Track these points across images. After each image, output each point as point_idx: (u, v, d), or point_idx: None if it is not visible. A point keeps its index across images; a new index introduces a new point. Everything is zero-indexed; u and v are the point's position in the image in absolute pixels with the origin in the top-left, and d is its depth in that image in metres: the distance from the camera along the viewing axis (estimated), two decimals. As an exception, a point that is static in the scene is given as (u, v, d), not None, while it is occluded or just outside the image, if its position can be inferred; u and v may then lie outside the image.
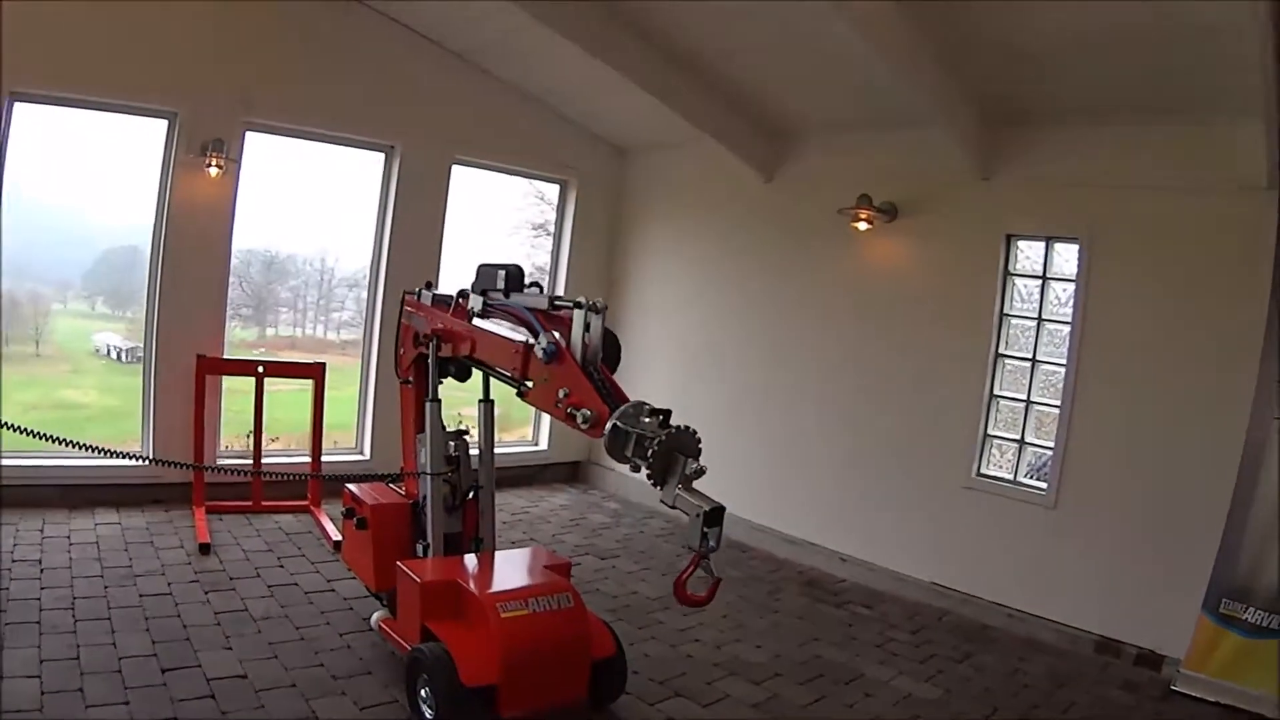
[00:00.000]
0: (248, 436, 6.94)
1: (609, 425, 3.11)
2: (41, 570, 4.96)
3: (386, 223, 7.52)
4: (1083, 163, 5.74)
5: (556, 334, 3.50)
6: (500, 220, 8.99)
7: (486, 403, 4.41)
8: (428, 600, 3.80)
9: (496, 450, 4.50)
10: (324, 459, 7.03)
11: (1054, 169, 5.89)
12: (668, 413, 3.16)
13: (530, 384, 3.63)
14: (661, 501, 3.09)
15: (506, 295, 4.06)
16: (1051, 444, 5.89)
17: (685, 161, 8.26)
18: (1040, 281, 6.07)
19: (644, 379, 7.52)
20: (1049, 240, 6.02)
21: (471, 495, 4.42)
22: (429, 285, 4.73)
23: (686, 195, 8.40)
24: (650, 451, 3.01)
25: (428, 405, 4.25)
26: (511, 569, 4.19)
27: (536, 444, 9.00)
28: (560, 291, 8.59)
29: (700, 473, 3.05)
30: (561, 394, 3.36)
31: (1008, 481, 6.14)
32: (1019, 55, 5.28)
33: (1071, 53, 5.10)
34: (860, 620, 5.84)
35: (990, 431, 6.25)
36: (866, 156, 6.85)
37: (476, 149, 8.04)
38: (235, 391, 6.93)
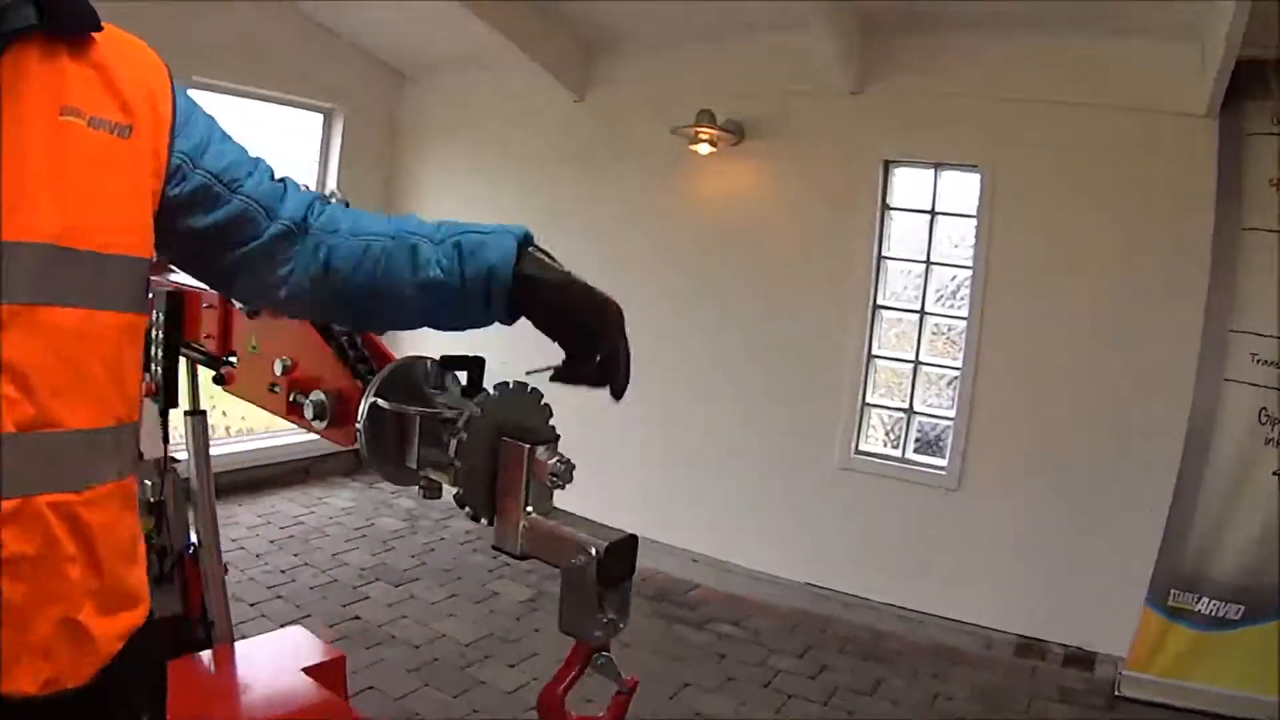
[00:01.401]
0: None
1: (364, 407, 1.45)
2: None
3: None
4: (981, 76, 4.70)
5: None
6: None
7: (196, 415, 2.70)
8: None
9: (262, 442, 2.73)
10: None
11: (944, 81, 4.81)
12: (478, 363, 1.50)
13: (234, 360, 2.02)
14: (495, 548, 1.37)
15: None
16: (951, 413, 4.92)
17: (479, 83, 6.56)
18: (929, 216, 5.05)
19: (419, 348, 5.88)
20: (938, 167, 5.01)
21: (191, 552, 2.71)
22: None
23: (480, 121, 6.67)
24: (456, 445, 1.37)
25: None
26: (256, 684, 2.55)
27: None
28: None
29: (565, 474, 1.37)
30: (279, 368, 1.82)
31: (895, 459, 5.11)
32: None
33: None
34: (732, 644, 4.61)
35: (870, 400, 5.21)
36: (703, 70, 5.50)
37: (218, 69, 6.09)
38: None
